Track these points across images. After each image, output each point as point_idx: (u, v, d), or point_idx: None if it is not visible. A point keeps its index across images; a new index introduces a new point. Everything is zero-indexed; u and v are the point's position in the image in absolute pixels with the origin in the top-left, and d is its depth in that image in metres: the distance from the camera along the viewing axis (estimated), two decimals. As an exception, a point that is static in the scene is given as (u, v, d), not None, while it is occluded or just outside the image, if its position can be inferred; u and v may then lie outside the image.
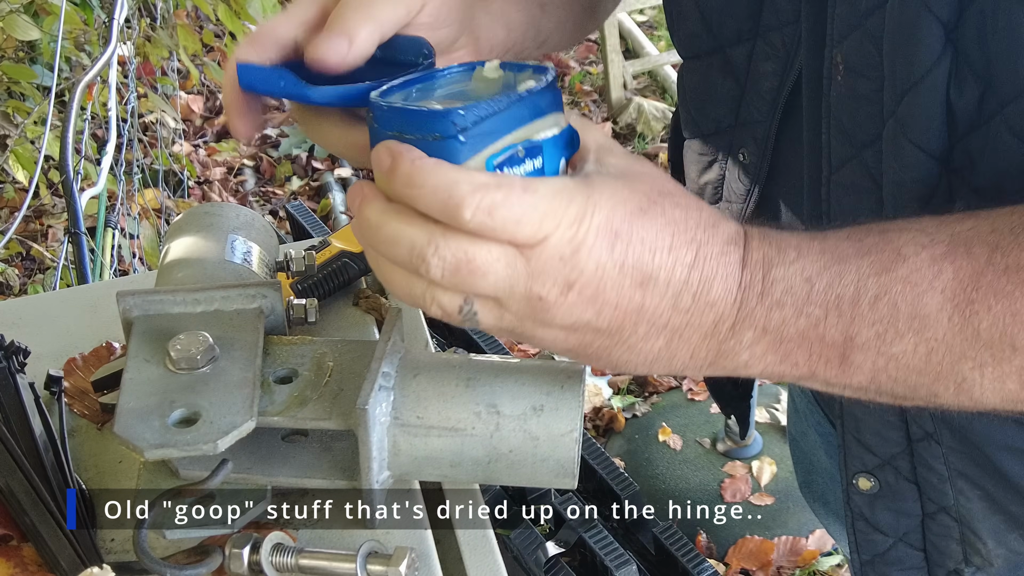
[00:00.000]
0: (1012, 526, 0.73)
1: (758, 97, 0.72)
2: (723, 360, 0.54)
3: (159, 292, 0.71)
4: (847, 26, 0.60)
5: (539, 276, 0.51)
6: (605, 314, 0.52)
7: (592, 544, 0.86)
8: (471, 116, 0.52)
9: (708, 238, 0.53)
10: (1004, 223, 0.52)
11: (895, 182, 0.61)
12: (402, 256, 0.52)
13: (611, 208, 0.51)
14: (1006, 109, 0.54)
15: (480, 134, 0.52)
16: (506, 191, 0.50)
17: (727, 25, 0.72)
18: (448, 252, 0.50)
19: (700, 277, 0.53)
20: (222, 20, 2.45)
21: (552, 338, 0.54)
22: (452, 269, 0.51)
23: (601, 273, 0.51)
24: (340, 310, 0.88)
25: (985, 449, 0.69)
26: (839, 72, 0.62)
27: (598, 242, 0.51)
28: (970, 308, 0.51)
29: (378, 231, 0.53)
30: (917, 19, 0.55)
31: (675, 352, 0.54)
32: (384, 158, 0.52)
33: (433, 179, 0.50)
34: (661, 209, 0.53)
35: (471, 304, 0.53)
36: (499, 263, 0.51)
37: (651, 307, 0.52)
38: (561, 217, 0.50)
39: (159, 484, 0.67)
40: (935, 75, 0.56)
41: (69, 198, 1.59)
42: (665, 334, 0.53)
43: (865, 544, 0.80)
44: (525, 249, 0.51)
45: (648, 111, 3.38)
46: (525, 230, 0.50)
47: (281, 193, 3.22)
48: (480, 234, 0.50)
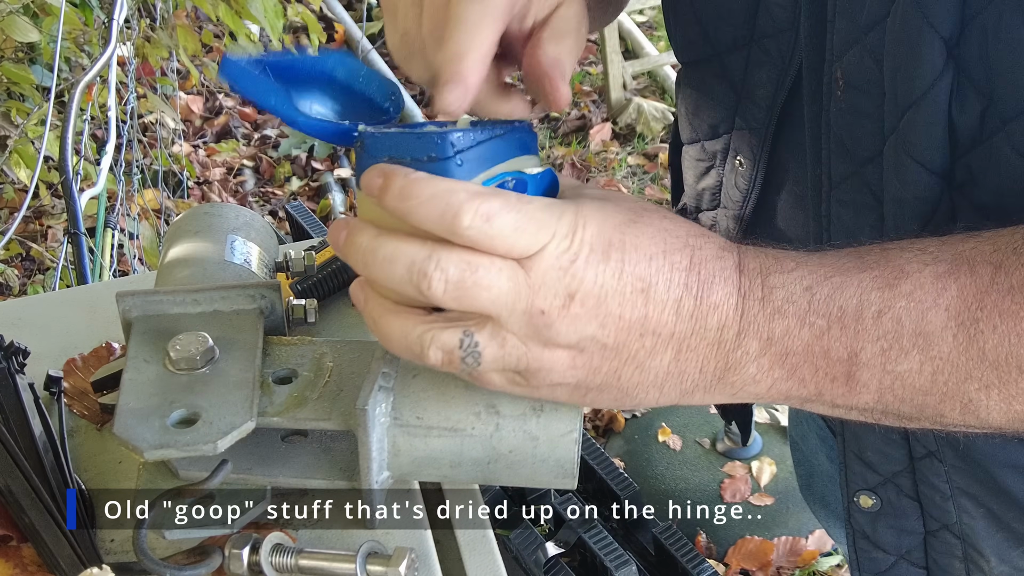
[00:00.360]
0: (1015, 543, 0.72)
1: (754, 104, 0.72)
2: (732, 375, 0.54)
3: (159, 293, 0.71)
4: (847, 41, 0.60)
5: (540, 289, 0.51)
6: (609, 326, 0.52)
7: (592, 544, 0.86)
8: (467, 140, 0.52)
9: (701, 244, 0.53)
10: (1006, 243, 0.52)
11: (896, 199, 0.60)
12: (400, 275, 0.51)
13: (600, 221, 0.52)
14: (1008, 126, 0.54)
15: (475, 159, 0.53)
16: (503, 200, 0.50)
17: (723, 31, 0.72)
18: (450, 265, 0.50)
19: (698, 280, 0.52)
20: (223, 19, 2.45)
21: (560, 364, 0.53)
22: (455, 283, 0.50)
23: (601, 282, 0.51)
24: (340, 310, 0.88)
25: (988, 467, 0.69)
26: (839, 88, 0.61)
27: (593, 254, 0.51)
28: (975, 327, 0.51)
29: (373, 253, 0.52)
30: (918, 35, 0.54)
31: (684, 367, 0.53)
32: (375, 178, 0.51)
33: (430, 188, 0.50)
34: (649, 219, 0.53)
35: (471, 336, 0.52)
36: (502, 275, 0.50)
37: (654, 315, 0.52)
38: (554, 229, 0.51)
39: (159, 484, 0.67)
40: (936, 91, 0.55)
41: (69, 199, 1.59)
42: (672, 345, 0.53)
43: (867, 562, 0.79)
44: (524, 261, 0.50)
45: (648, 111, 3.38)
46: (523, 239, 0.50)
47: (281, 193, 3.22)
48: (479, 245, 0.50)
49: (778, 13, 0.67)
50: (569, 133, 3.36)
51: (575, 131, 3.36)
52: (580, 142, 3.32)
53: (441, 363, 0.53)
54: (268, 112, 0.59)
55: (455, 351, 0.52)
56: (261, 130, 3.45)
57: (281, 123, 3.41)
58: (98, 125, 2.12)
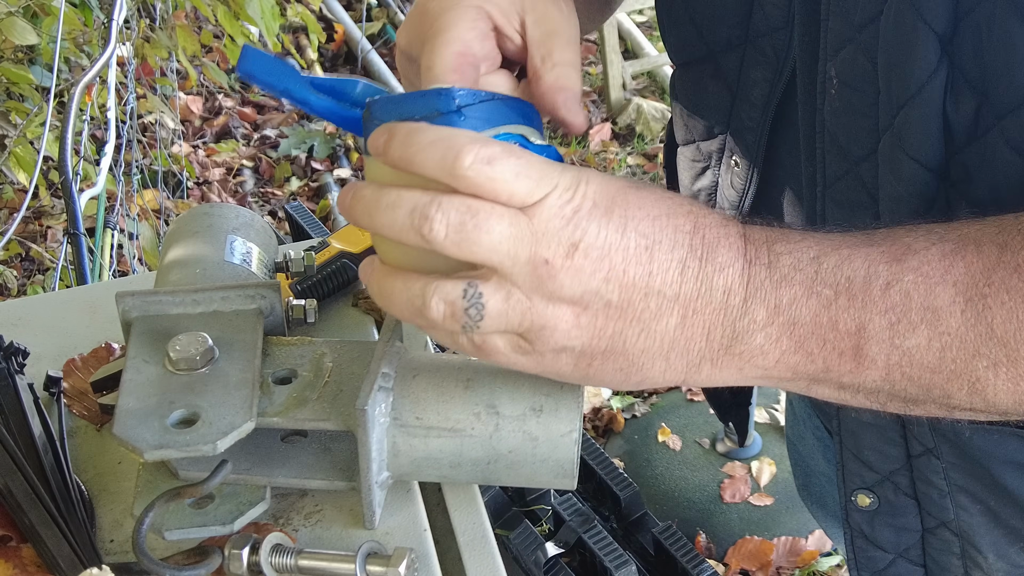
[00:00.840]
0: (1013, 540, 0.72)
1: (749, 104, 0.72)
2: (739, 344, 0.53)
3: (158, 293, 0.71)
4: (840, 39, 0.60)
5: (542, 237, 0.50)
6: (613, 281, 0.51)
7: (591, 544, 0.86)
8: (470, 97, 0.53)
9: (704, 212, 0.53)
10: (1010, 225, 0.52)
11: (892, 196, 0.60)
12: (402, 221, 0.51)
13: (602, 180, 0.52)
14: (1002, 121, 0.54)
15: (478, 117, 0.53)
16: (504, 147, 0.50)
17: (718, 32, 0.72)
18: (452, 208, 0.50)
19: (703, 242, 0.52)
20: (220, 21, 2.45)
21: (564, 322, 0.52)
22: (457, 225, 0.50)
23: (604, 235, 0.51)
24: (339, 311, 0.88)
25: (985, 463, 0.69)
26: (832, 86, 0.62)
27: (596, 208, 0.51)
28: (983, 303, 0.50)
29: (377, 202, 0.52)
30: (912, 31, 0.54)
31: (691, 333, 0.53)
32: (380, 134, 0.52)
33: (432, 134, 0.50)
34: (650, 189, 0.53)
35: (475, 287, 0.51)
36: (503, 220, 0.50)
37: (659, 273, 0.51)
38: (557, 180, 0.51)
39: (158, 485, 0.67)
40: (931, 88, 0.55)
41: (68, 199, 1.59)
42: (678, 308, 0.52)
43: (864, 561, 0.79)
44: (526, 210, 0.50)
45: (647, 111, 3.38)
46: (524, 185, 0.50)
47: (280, 194, 3.22)
48: (480, 189, 0.50)
49: (773, 12, 0.67)
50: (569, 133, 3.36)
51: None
52: (580, 142, 3.32)
53: (443, 318, 0.52)
54: (283, 98, 0.60)
55: (458, 301, 0.51)
56: (261, 130, 3.45)
57: (281, 123, 3.41)
58: (98, 125, 2.12)
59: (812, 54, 0.63)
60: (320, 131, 3.34)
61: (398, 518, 0.69)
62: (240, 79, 3.31)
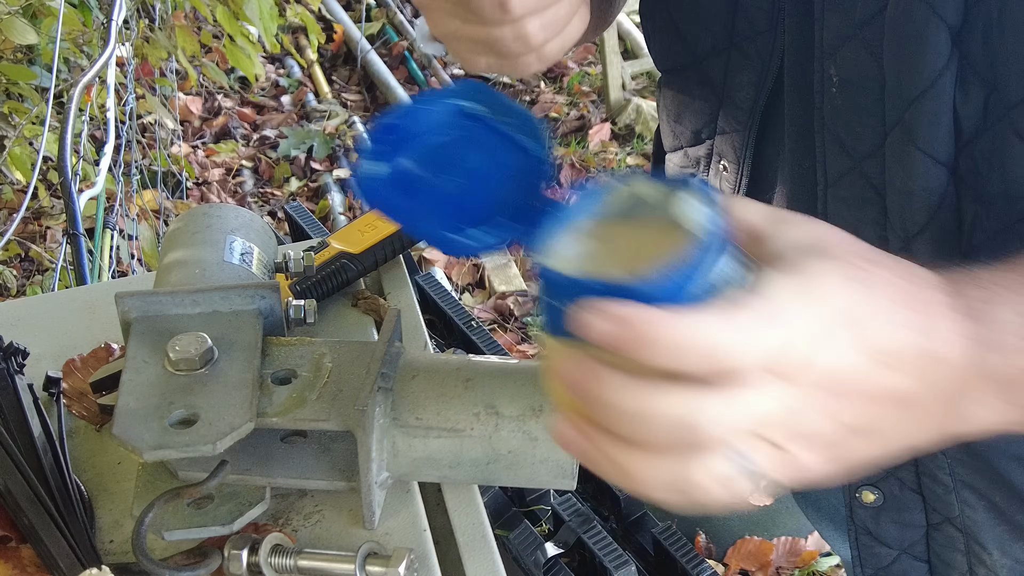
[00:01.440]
0: (1017, 536, 0.73)
1: (735, 108, 0.73)
2: (955, 425, 0.48)
3: (158, 293, 0.71)
4: (840, 37, 0.60)
5: (807, 407, 0.42)
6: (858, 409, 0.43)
7: (591, 545, 0.86)
8: (696, 276, 0.41)
9: (929, 297, 0.46)
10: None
11: (902, 191, 0.60)
12: (663, 437, 0.41)
13: (843, 295, 0.43)
14: (1012, 112, 0.54)
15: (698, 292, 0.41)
16: (752, 312, 0.40)
17: (702, 38, 0.72)
18: (726, 415, 0.40)
19: (931, 337, 0.45)
20: (220, 22, 2.45)
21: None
22: (732, 432, 0.41)
23: (853, 369, 0.42)
24: (339, 311, 0.88)
25: (991, 459, 0.69)
26: (833, 84, 0.61)
27: (844, 336, 0.42)
28: None
29: (632, 416, 0.41)
30: (924, 24, 0.54)
31: (917, 428, 0.47)
32: (601, 324, 0.39)
33: (680, 333, 0.39)
34: (877, 276, 0.44)
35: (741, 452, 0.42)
36: (773, 401, 0.41)
37: (902, 385, 0.44)
38: (814, 333, 0.41)
39: (158, 485, 0.67)
40: (944, 80, 0.55)
41: (68, 199, 1.59)
42: (909, 408, 0.45)
43: (869, 558, 0.79)
44: (789, 378, 0.41)
45: (647, 112, 3.38)
46: (794, 354, 0.41)
47: (280, 194, 3.22)
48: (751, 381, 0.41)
49: (756, 16, 0.67)
50: (568, 133, 3.36)
51: (574, 131, 3.36)
52: (579, 142, 3.32)
53: (713, 498, 0.43)
54: (415, 236, 0.49)
55: (731, 472, 0.42)
56: (260, 131, 3.45)
57: (280, 124, 3.41)
58: (97, 126, 2.12)
59: (804, 54, 0.63)
60: (320, 131, 3.34)
61: (398, 518, 0.69)
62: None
